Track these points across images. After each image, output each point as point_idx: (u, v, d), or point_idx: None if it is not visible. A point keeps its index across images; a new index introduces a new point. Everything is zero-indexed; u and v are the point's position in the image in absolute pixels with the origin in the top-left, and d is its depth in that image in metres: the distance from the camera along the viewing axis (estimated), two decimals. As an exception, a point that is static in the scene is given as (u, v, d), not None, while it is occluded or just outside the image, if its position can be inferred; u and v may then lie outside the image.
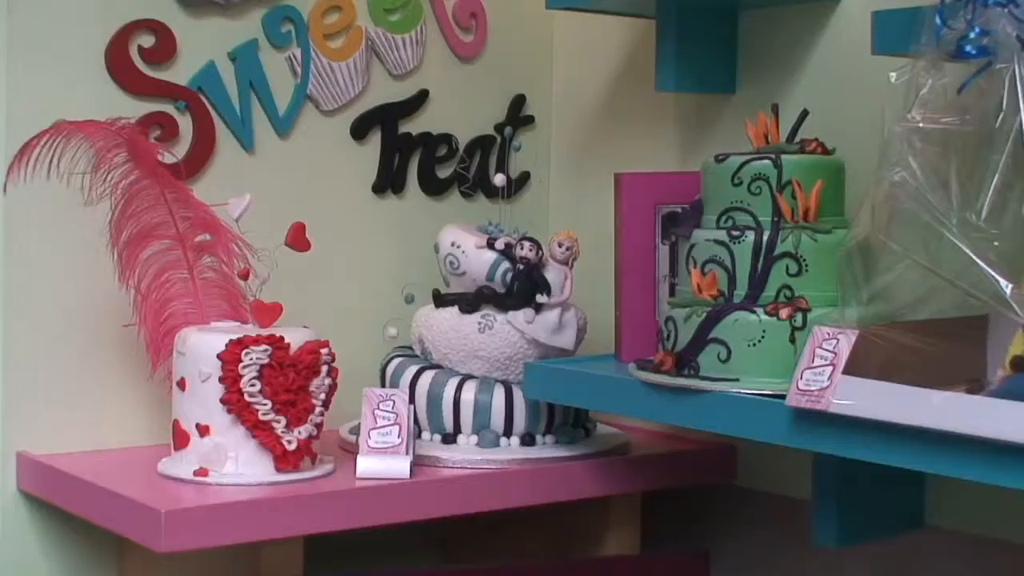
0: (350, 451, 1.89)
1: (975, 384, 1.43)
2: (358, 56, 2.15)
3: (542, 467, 1.90)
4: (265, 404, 1.74)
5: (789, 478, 1.95)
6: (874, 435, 1.41)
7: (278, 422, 1.75)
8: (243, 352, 1.73)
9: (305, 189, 2.10)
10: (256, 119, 2.06)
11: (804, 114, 1.75)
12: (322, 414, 1.80)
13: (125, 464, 1.87)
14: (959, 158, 1.40)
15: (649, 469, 2.00)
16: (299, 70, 2.09)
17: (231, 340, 1.74)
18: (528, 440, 1.94)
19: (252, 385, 1.73)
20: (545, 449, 1.94)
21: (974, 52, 1.39)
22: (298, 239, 1.88)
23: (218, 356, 1.74)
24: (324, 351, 1.79)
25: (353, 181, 2.16)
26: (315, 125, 2.12)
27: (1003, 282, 1.32)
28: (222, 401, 1.74)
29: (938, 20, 1.41)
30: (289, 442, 1.75)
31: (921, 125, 1.42)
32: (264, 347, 1.74)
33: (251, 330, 1.79)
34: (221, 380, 1.74)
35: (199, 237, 1.90)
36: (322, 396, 1.79)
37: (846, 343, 1.45)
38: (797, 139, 1.73)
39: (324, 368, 1.79)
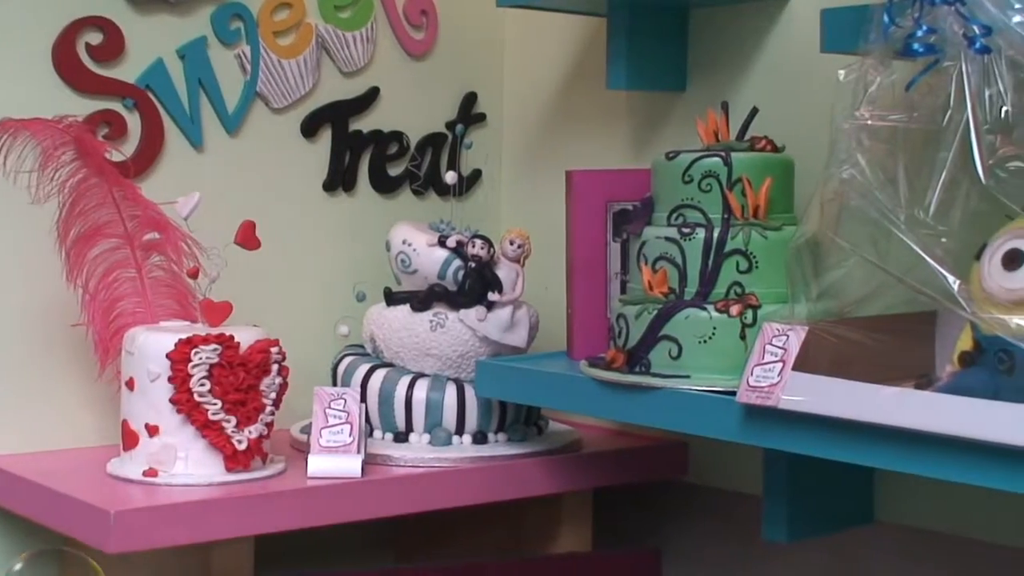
0: (301, 450, 1.88)
1: (924, 380, 1.44)
2: (308, 53, 2.14)
3: (494, 465, 1.90)
4: (215, 404, 1.73)
5: (740, 474, 1.96)
6: (824, 431, 1.42)
7: (228, 422, 1.74)
8: (192, 352, 1.72)
9: (255, 187, 2.09)
10: (205, 117, 2.05)
11: (754, 112, 1.76)
12: (272, 413, 1.79)
13: (74, 465, 1.85)
14: (907, 155, 1.41)
15: (601, 466, 2.00)
16: (249, 67, 2.08)
17: (180, 339, 1.73)
18: (480, 438, 1.94)
19: (202, 385, 1.72)
20: (497, 447, 1.94)
21: (922, 50, 1.40)
22: (248, 237, 1.87)
23: (167, 356, 1.73)
24: (274, 350, 1.78)
25: (303, 179, 2.16)
26: (265, 123, 2.11)
27: (951, 278, 1.33)
28: (171, 401, 1.73)
29: (886, 18, 1.42)
30: (239, 442, 1.74)
31: (869, 122, 1.43)
32: (214, 346, 1.73)
33: (200, 329, 1.78)
34: (170, 380, 1.73)
35: (148, 236, 1.88)
36: (272, 395, 1.79)
37: (796, 339, 1.45)
38: (747, 137, 1.73)
39: (274, 367, 1.78)
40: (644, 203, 1.75)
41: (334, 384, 2.00)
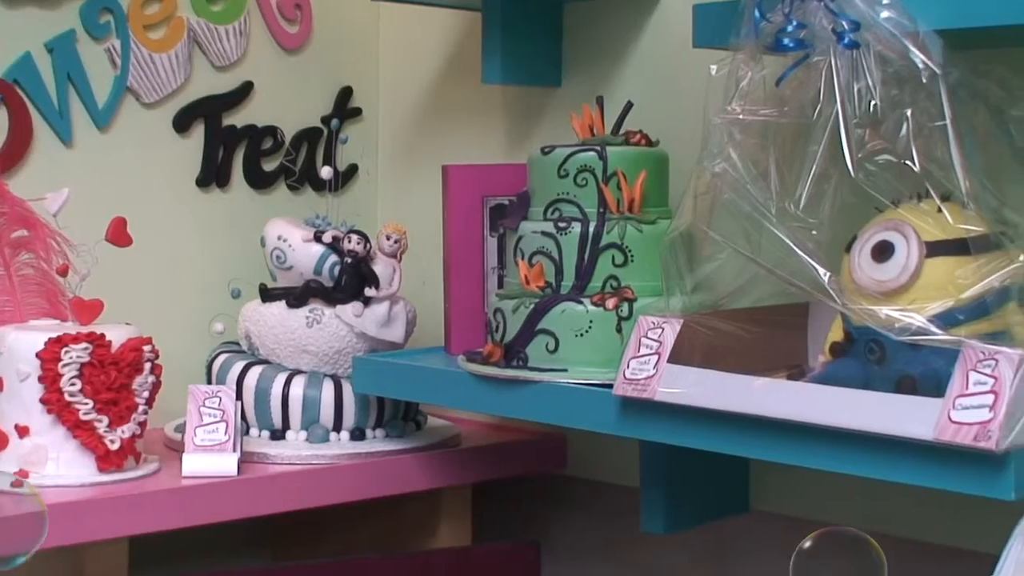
0: (176, 450, 1.86)
1: (796, 370, 1.46)
2: (180, 47, 2.11)
3: (372, 461, 1.89)
4: (86, 403, 1.71)
5: (618, 466, 1.97)
6: (699, 422, 1.43)
7: (100, 421, 1.71)
8: (62, 350, 1.69)
9: (126, 183, 2.06)
10: (74, 112, 2.02)
11: (628, 106, 1.77)
12: (146, 412, 1.77)
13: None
14: (778, 149, 1.43)
15: (480, 461, 2.00)
16: (119, 62, 2.05)
17: (50, 338, 1.70)
18: (358, 434, 1.93)
19: (72, 384, 1.70)
20: (375, 443, 1.93)
21: (792, 45, 1.41)
22: (119, 234, 1.84)
23: (37, 355, 1.70)
24: (147, 348, 1.76)
25: (176, 175, 2.13)
26: (136, 118, 2.08)
27: (821, 270, 1.35)
28: (42, 401, 1.70)
29: (757, 13, 1.43)
30: (112, 441, 1.72)
31: (741, 117, 1.44)
32: (84, 345, 1.70)
33: (71, 328, 1.75)
34: (40, 379, 1.70)
35: (16, 233, 1.85)
36: (145, 394, 1.76)
37: (671, 332, 1.47)
38: (622, 131, 1.74)
39: (147, 365, 1.76)
40: (520, 198, 1.75)
41: (209, 382, 1.98)
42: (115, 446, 1.73)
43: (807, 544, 1.22)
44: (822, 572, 1.27)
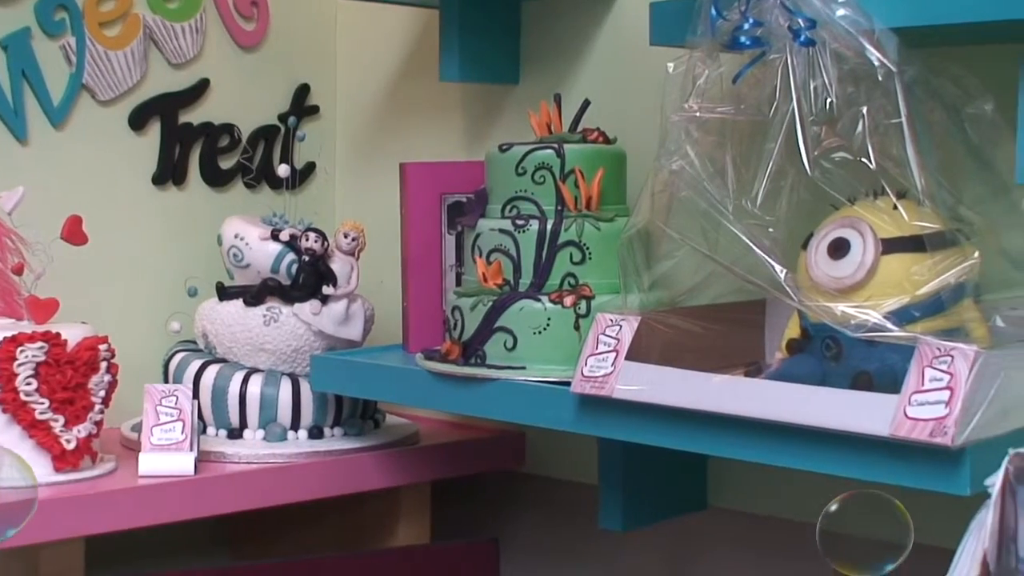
0: (133, 449, 1.85)
1: (753, 367, 1.46)
2: (136, 45, 2.10)
3: (330, 460, 1.89)
4: (42, 403, 1.69)
5: (576, 464, 1.97)
6: (657, 419, 1.43)
7: (56, 421, 1.70)
8: (17, 350, 1.68)
9: (82, 181, 2.05)
10: (29, 109, 2.00)
11: (586, 104, 1.77)
12: (102, 412, 1.76)
13: None
14: (735, 147, 1.43)
15: (438, 459, 2.00)
16: (74, 59, 2.04)
17: (5, 337, 1.69)
18: (316, 433, 1.93)
19: (28, 384, 1.69)
20: (333, 441, 1.93)
21: (748, 43, 1.42)
22: (75, 232, 1.83)
23: (-8, 354, 1.69)
24: (103, 347, 1.75)
25: (132, 173, 2.12)
26: (91, 115, 2.07)
27: (778, 267, 1.36)
28: (-3, 400, 1.69)
29: (713, 11, 1.44)
30: (68, 441, 1.71)
31: (698, 114, 1.44)
32: (40, 344, 1.69)
33: (26, 327, 1.74)
34: (-5, 379, 1.69)
35: (-30, 232, 1.84)
36: (102, 393, 1.75)
37: (629, 329, 1.47)
38: (579, 129, 1.74)
39: (103, 365, 1.75)
40: (478, 195, 1.75)
41: (165, 381, 1.97)
42: (71, 445, 1.71)
43: (833, 507, 1.22)
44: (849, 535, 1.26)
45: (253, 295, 1.94)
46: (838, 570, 1.21)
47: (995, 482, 1.16)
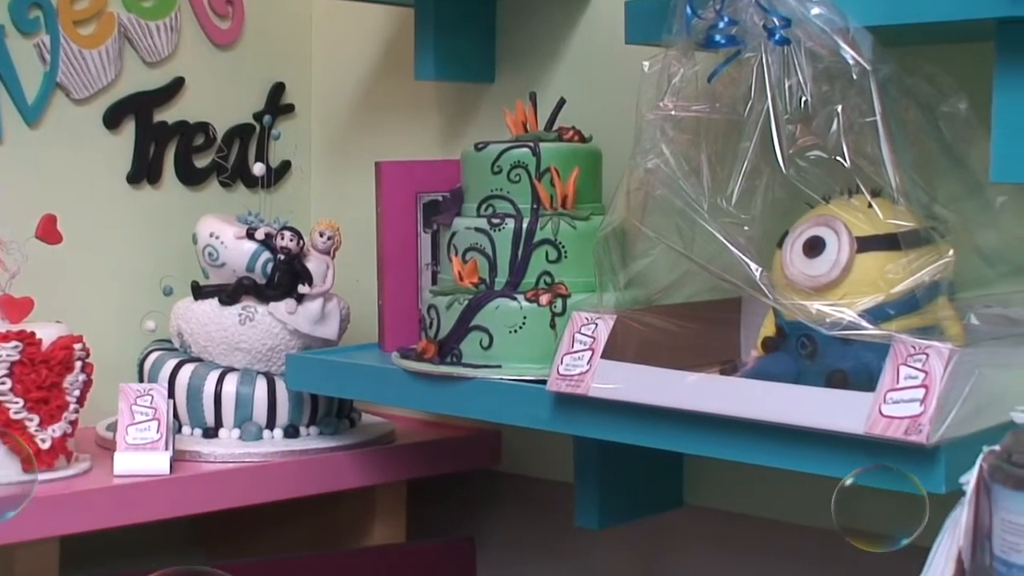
0: (108, 448, 1.85)
1: (728, 365, 1.46)
2: (110, 43, 2.09)
3: (306, 459, 1.88)
4: (16, 402, 1.69)
5: (553, 462, 1.97)
6: (633, 417, 1.43)
7: (31, 420, 1.70)
8: (-8, 349, 1.68)
9: (56, 180, 2.04)
10: (3, 108, 1.99)
11: (561, 102, 1.77)
12: (77, 411, 1.75)
13: None
14: (710, 145, 1.43)
15: (414, 457, 2.00)
16: (48, 57, 2.03)
17: (-21, 337, 1.68)
18: (292, 432, 1.92)
19: (2, 383, 1.68)
20: (309, 440, 1.93)
21: (723, 41, 1.42)
22: (49, 231, 1.83)
23: (-35, 354, 1.68)
24: (78, 346, 1.75)
25: (107, 171, 2.11)
26: (66, 114, 2.06)
27: (753, 266, 1.36)
28: (-30, 400, 1.69)
29: (688, 10, 1.44)
30: (43, 440, 1.70)
31: (673, 113, 1.44)
32: (14, 343, 1.69)
33: (0, 326, 1.73)
34: (-31, 378, 1.68)
35: (-56, 231, 1.83)
36: (76, 393, 1.75)
37: (604, 328, 1.47)
38: (555, 127, 1.74)
39: (78, 364, 1.75)
40: (454, 194, 1.75)
41: (141, 380, 1.96)
42: (46, 445, 1.71)
43: (848, 481, 1.22)
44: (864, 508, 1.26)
45: (228, 294, 1.93)
46: (854, 544, 1.20)
47: (970, 480, 1.16)
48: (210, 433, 1.91)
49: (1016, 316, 1.43)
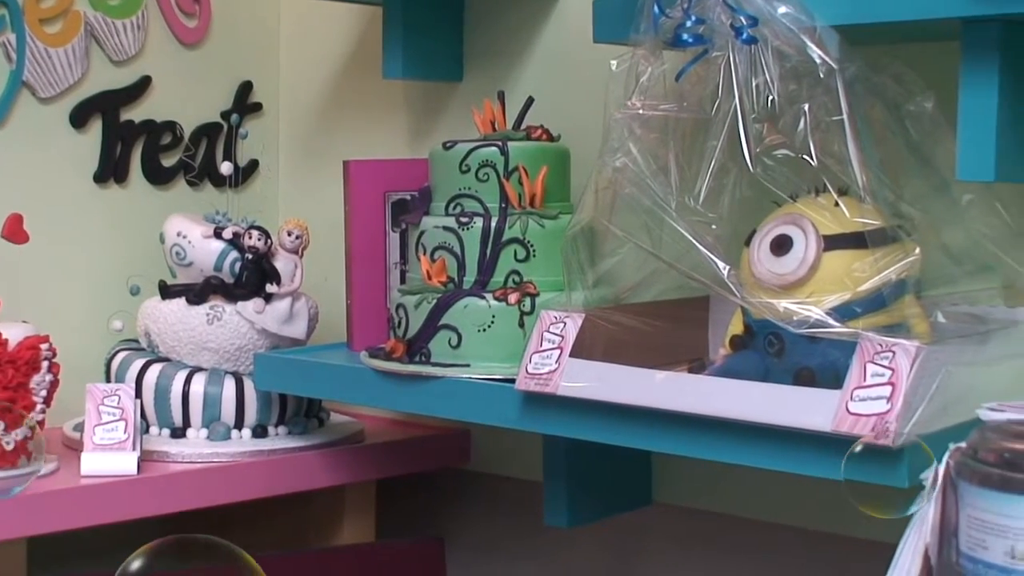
0: (75, 449, 1.84)
1: (697, 363, 1.47)
2: (77, 42, 2.08)
3: (275, 459, 1.88)
4: (-18, 403, 1.68)
5: (522, 461, 1.97)
6: (602, 416, 1.44)
7: (-5, 421, 1.69)
8: (-43, 349, 1.67)
9: (22, 179, 2.03)
10: (-32, 107, 1.99)
11: (530, 101, 1.77)
12: (44, 411, 1.74)
13: None
14: (678, 144, 1.44)
15: (383, 457, 2.00)
16: (14, 56, 2.02)
17: (-56, 337, 1.67)
18: (260, 432, 1.92)
19: (-32, 383, 1.67)
20: (277, 440, 1.92)
21: (691, 40, 1.42)
22: (15, 231, 1.82)
23: (-70, 354, 1.67)
24: (44, 347, 1.74)
25: (73, 170, 2.10)
26: (32, 113, 2.04)
27: (721, 264, 1.36)
28: (-64, 401, 1.68)
29: (656, 9, 1.44)
30: (7, 443, 1.69)
31: (641, 112, 1.45)
32: (-20, 344, 1.68)
33: (-34, 326, 1.73)
34: (-66, 379, 1.67)
35: (-92, 230, 1.82)
36: (43, 393, 1.74)
37: (573, 327, 1.47)
38: (523, 126, 1.74)
39: (45, 364, 1.74)
40: (422, 193, 1.75)
41: (108, 380, 1.95)
42: (10, 447, 1.70)
43: (858, 448, 1.22)
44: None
45: (196, 293, 1.92)
46: (864, 511, 1.21)
47: (929, 475, 1.17)
48: (178, 433, 1.90)
49: (982, 314, 1.44)
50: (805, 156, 1.36)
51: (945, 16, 1.33)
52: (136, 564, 1.44)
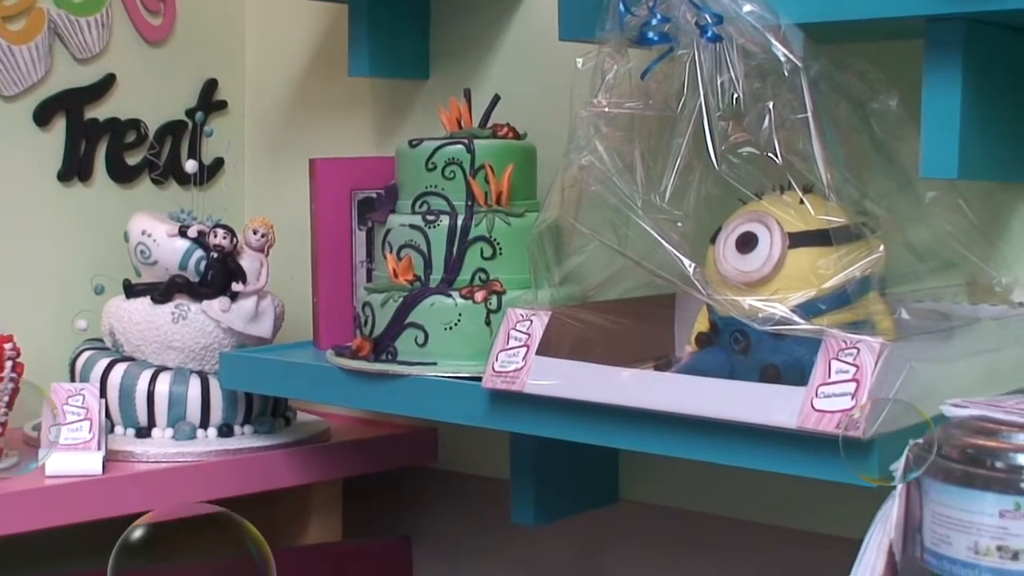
0: (37, 447, 1.82)
1: (663, 361, 1.47)
2: (40, 39, 2.07)
3: (240, 458, 1.87)
4: (-55, 403, 1.67)
5: (489, 459, 1.97)
6: (568, 413, 1.44)
7: (-41, 421, 1.68)
8: (-80, 349, 1.66)
9: (-15, 178, 2.02)
10: (-69, 105, 1.98)
11: (496, 99, 1.77)
12: (6, 413, 1.73)
13: None
14: (644, 142, 1.44)
15: (350, 456, 1.99)
16: (-24, 54, 2.01)
17: (-94, 337, 1.66)
18: (226, 431, 1.91)
19: (-69, 383, 1.66)
20: (243, 439, 1.92)
21: (656, 38, 1.42)
22: (-22, 230, 1.81)
23: None
24: (8, 346, 1.73)
25: (37, 169, 2.09)
26: (-5, 111, 2.04)
27: (687, 262, 1.36)
28: (-102, 401, 1.67)
29: (621, 7, 1.44)
30: (-28, 442, 1.69)
31: (607, 110, 1.45)
32: (-57, 343, 1.67)
33: (-72, 326, 1.72)
34: None
35: None
36: (7, 396, 1.73)
37: (539, 324, 1.47)
38: (489, 124, 1.74)
39: (8, 364, 1.73)
40: (388, 191, 1.74)
41: (72, 380, 1.94)
42: (-25, 446, 1.69)
43: (856, 415, 1.22)
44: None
45: (161, 292, 1.92)
46: (865, 480, 1.21)
47: (899, 466, 1.17)
48: (143, 433, 1.89)
49: (946, 310, 1.45)
50: (770, 154, 1.37)
51: (909, 14, 1.34)
52: (137, 533, 1.45)
